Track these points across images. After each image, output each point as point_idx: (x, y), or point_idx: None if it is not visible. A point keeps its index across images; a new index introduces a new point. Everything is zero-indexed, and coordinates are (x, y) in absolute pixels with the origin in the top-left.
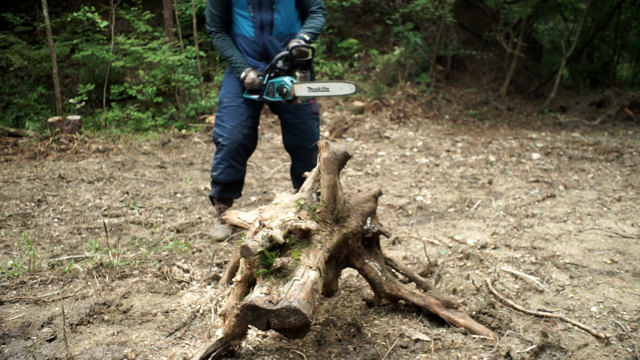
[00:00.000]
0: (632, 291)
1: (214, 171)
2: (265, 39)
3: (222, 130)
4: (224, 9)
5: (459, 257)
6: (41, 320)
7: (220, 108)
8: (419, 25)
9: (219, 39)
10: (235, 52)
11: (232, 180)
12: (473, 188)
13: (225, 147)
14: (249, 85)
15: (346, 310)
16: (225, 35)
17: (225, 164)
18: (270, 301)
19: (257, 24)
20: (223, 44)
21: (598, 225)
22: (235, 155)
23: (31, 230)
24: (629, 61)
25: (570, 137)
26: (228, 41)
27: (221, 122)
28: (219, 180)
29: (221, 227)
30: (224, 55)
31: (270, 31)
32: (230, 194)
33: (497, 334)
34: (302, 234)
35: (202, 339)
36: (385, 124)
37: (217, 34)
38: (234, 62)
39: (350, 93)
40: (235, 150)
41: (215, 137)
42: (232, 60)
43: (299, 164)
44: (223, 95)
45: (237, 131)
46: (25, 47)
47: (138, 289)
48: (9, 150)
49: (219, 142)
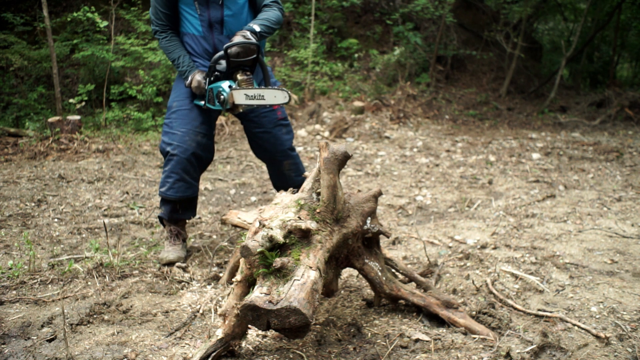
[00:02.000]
0: (632, 291)
1: (162, 186)
2: (215, 38)
3: (171, 137)
4: (169, 4)
5: (459, 257)
6: (41, 320)
7: (169, 114)
8: (419, 25)
9: (164, 40)
10: (182, 53)
11: (183, 196)
12: (473, 188)
13: (175, 157)
14: (195, 89)
15: (346, 310)
16: (172, 35)
17: (174, 177)
18: (270, 301)
19: (206, 22)
20: (168, 45)
21: (598, 225)
22: (187, 167)
23: (31, 230)
24: (629, 61)
25: (570, 137)
26: (174, 42)
27: (170, 129)
28: (167, 197)
29: (172, 248)
30: (170, 58)
31: (220, 30)
32: (181, 213)
33: (497, 334)
34: (302, 234)
35: (202, 339)
36: (385, 124)
37: (162, 33)
38: (180, 66)
39: (283, 102)
40: (187, 160)
41: (163, 147)
42: (178, 64)
43: (272, 174)
44: (172, 100)
45: (189, 138)
46: (25, 47)
47: (138, 289)
48: (9, 150)
49: (167, 152)
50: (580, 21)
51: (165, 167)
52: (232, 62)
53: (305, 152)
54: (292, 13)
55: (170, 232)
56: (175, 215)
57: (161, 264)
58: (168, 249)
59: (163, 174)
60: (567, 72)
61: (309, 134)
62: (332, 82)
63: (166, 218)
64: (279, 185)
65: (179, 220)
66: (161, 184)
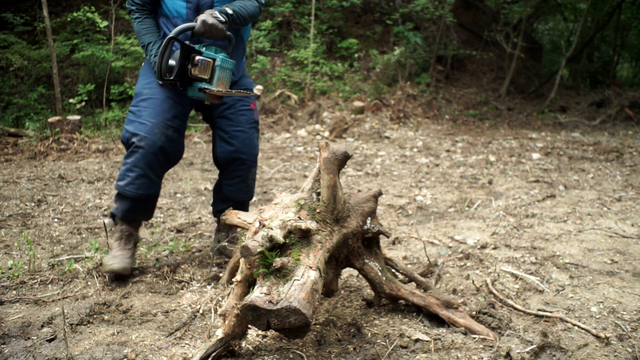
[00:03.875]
0: (632, 291)
1: (120, 180)
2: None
3: (137, 127)
4: None
5: (459, 257)
6: (41, 320)
7: (137, 101)
8: (419, 25)
9: (137, 21)
10: (154, 39)
11: (144, 194)
12: (473, 188)
13: (140, 149)
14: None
15: (346, 310)
16: (146, 17)
17: (137, 171)
18: (270, 301)
19: (193, 5)
20: (141, 27)
21: (598, 225)
22: (152, 162)
23: (31, 230)
24: (629, 61)
25: (570, 137)
26: (148, 25)
27: (137, 117)
28: (126, 192)
29: (120, 254)
30: (140, 42)
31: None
32: (139, 213)
33: (497, 334)
34: (302, 234)
35: (202, 339)
36: (385, 124)
37: (135, 13)
38: (150, 54)
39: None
40: (154, 155)
41: (127, 137)
42: (148, 49)
43: (231, 182)
44: (143, 86)
45: (158, 131)
46: (25, 47)
47: (138, 289)
48: (9, 150)
49: (132, 143)
50: (580, 21)
51: (128, 159)
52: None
53: (305, 152)
54: (292, 13)
55: (122, 233)
56: (131, 214)
57: (103, 271)
58: (115, 254)
59: (124, 165)
60: (567, 72)
61: (309, 134)
62: (332, 82)
63: (120, 216)
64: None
65: (133, 221)
66: (120, 176)
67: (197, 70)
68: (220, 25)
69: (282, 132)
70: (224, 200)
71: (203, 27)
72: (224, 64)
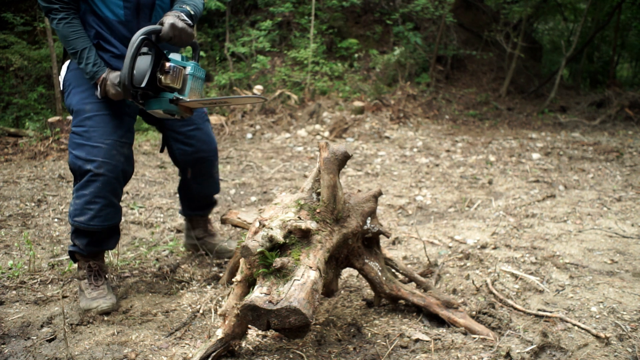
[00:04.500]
0: (632, 291)
1: (79, 215)
2: (141, 27)
3: (90, 152)
4: None
5: (459, 257)
6: (41, 320)
7: (80, 120)
8: (419, 25)
9: (63, 23)
10: (89, 45)
11: (112, 224)
12: (473, 188)
13: (100, 177)
14: (115, 95)
15: (346, 310)
16: (73, 17)
17: (100, 202)
18: (270, 301)
19: (132, 4)
20: (70, 30)
21: (598, 225)
22: (116, 189)
23: (31, 230)
24: (629, 61)
25: (570, 137)
26: (77, 28)
27: (87, 140)
28: (91, 228)
29: (97, 293)
30: (69, 47)
31: (148, 16)
32: (106, 244)
33: (497, 334)
34: (302, 234)
35: (202, 339)
36: (385, 124)
37: (59, 12)
38: (85, 62)
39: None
40: (116, 180)
41: (79, 165)
42: (82, 59)
43: (197, 181)
44: (82, 102)
45: (116, 152)
46: (25, 47)
47: (138, 289)
48: (9, 150)
49: (87, 171)
50: (580, 21)
51: (85, 190)
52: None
53: (305, 152)
54: (292, 13)
55: (90, 270)
56: (97, 247)
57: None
58: (92, 295)
59: (79, 198)
60: (567, 72)
61: (309, 134)
62: (332, 82)
63: (86, 253)
64: (201, 197)
65: (100, 253)
66: (77, 211)
67: (168, 78)
68: (190, 30)
69: (282, 132)
70: (192, 199)
71: (172, 31)
72: (196, 72)
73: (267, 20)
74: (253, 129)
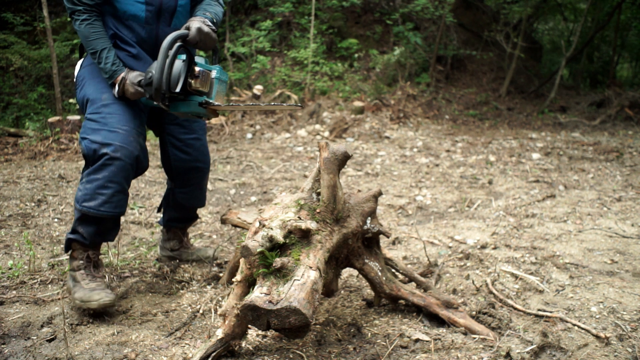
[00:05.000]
0: (632, 291)
1: (89, 200)
2: (161, 29)
3: (107, 136)
4: None
5: (459, 257)
6: (41, 320)
7: (97, 107)
8: (419, 25)
9: (85, 23)
10: (108, 46)
11: (120, 212)
12: (473, 188)
13: (116, 161)
14: (133, 95)
15: (346, 310)
16: (95, 19)
17: (113, 187)
18: (270, 301)
19: (155, 8)
20: (91, 31)
21: (598, 225)
22: (129, 175)
23: (31, 230)
24: (629, 61)
25: (570, 137)
26: (99, 29)
27: (103, 125)
28: (100, 214)
29: (96, 284)
30: (89, 47)
31: (168, 21)
32: (109, 234)
33: (497, 334)
34: (302, 234)
35: (202, 339)
36: (385, 124)
37: (83, 14)
38: (104, 62)
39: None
40: (130, 166)
41: (94, 148)
42: (101, 59)
43: (186, 190)
44: (99, 91)
45: (133, 139)
46: (25, 47)
47: (138, 289)
48: (9, 150)
49: (103, 155)
50: (580, 21)
51: (97, 174)
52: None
53: (305, 152)
54: (292, 13)
55: (88, 261)
56: (100, 237)
57: (90, 308)
58: (90, 286)
59: (90, 182)
60: (567, 72)
61: (309, 134)
62: (332, 82)
63: (88, 242)
64: (186, 207)
65: (100, 244)
66: (87, 196)
67: (198, 82)
68: (214, 35)
69: (282, 132)
70: (176, 209)
71: (199, 35)
72: (221, 76)
73: (267, 20)
74: (253, 129)
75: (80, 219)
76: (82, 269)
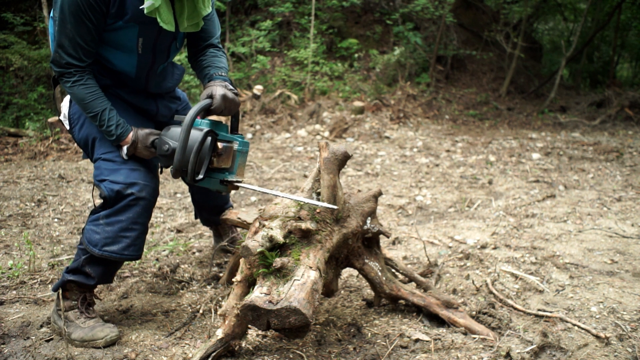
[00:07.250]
0: (632, 291)
1: (111, 245)
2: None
3: (130, 175)
4: (96, 34)
5: (459, 257)
6: (41, 320)
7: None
8: (419, 25)
9: (78, 85)
10: (108, 106)
11: (141, 255)
12: (473, 188)
13: (142, 201)
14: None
15: (346, 310)
16: (89, 78)
17: (138, 229)
18: (270, 301)
19: (146, 66)
20: (86, 92)
21: (598, 225)
22: (151, 214)
23: (31, 230)
24: (629, 61)
25: (570, 137)
26: (94, 88)
27: (122, 165)
28: (124, 258)
29: (94, 322)
30: (87, 110)
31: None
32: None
33: (497, 334)
34: (302, 234)
35: (202, 339)
36: (385, 124)
37: (73, 76)
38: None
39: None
40: (153, 204)
41: (117, 189)
42: (103, 120)
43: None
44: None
45: (153, 175)
46: (25, 47)
47: (138, 289)
48: (9, 150)
49: (128, 194)
50: (580, 21)
51: (120, 216)
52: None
53: (305, 152)
54: (292, 13)
55: (84, 301)
56: (108, 279)
57: (95, 346)
58: (89, 324)
59: (111, 225)
60: (567, 72)
61: (309, 134)
62: (332, 82)
63: (93, 283)
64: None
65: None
66: (109, 240)
67: (221, 160)
68: (238, 99)
69: (282, 132)
70: (203, 210)
71: (224, 103)
72: (243, 147)
73: (267, 20)
74: (253, 129)
75: (91, 260)
76: (75, 308)
